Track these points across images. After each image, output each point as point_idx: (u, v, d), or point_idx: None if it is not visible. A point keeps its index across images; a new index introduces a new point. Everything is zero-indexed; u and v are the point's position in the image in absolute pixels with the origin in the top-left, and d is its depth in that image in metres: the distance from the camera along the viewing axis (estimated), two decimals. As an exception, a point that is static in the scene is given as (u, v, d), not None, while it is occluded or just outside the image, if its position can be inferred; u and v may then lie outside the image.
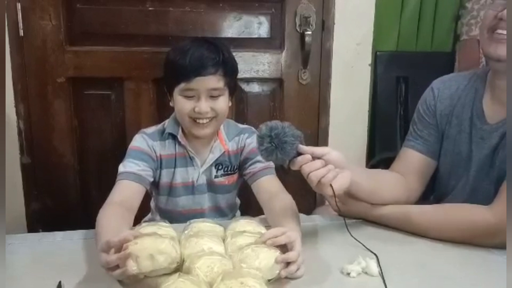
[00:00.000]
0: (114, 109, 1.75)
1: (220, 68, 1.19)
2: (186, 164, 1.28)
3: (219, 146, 1.29)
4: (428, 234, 1.09)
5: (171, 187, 1.29)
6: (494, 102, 1.15)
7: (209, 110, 1.19)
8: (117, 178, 1.17)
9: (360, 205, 1.17)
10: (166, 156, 1.27)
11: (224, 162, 1.30)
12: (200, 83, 1.18)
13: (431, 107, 1.24)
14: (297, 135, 0.95)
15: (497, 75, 1.13)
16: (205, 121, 1.21)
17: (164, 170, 1.27)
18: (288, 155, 0.95)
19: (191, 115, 1.20)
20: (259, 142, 0.95)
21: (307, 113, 1.87)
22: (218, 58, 1.19)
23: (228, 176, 1.32)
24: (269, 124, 0.95)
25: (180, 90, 1.20)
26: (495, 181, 1.11)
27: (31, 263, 1.00)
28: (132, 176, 1.16)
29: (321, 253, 1.03)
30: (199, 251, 0.89)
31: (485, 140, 1.14)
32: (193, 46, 1.21)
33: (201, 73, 1.17)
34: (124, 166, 1.19)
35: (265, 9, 1.77)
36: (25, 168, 1.71)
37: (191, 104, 1.19)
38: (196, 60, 1.17)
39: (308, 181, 0.97)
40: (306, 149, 0.97)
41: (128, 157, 1.21)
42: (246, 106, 1.83)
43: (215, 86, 1.19)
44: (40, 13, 1.62)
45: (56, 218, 1.74)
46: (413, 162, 1.24)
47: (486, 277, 0.94)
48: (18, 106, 1.66)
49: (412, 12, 1.96)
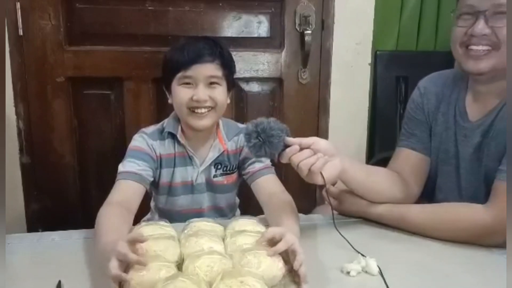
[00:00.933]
0: (114, 109, 1.74)
1: (217, 58, 1.21)
2: (185, 163, 1.28)
3: (218, 145, 1.29)
4: (424, 233, 1.10)
5: (170, 187, 1.29)
6: (476, 100, 1.16)
7: (207, 99, 1.19)
8: (116, 178, 1.17)
9: (358, 204, 1.18)
10: (165, 155, 1.26)
11: (223, 161, 1.30)
12: (198, 70, 1.18)
13: (419, 105, 1.25)
14: (283, 128, 0.97)
15: (477, 82, 1.14)
16: (204, 111, 1.20)
17: (164, 170, 1.27)
18: (276, 148, 0.96)
19: (189, 104, 1.20)
20: (246, 139, 0.97)
21: (306, 112, 1.87)
22: (215, 49, 1.21)
23: (227, 176, 1.32)
24: (254, 121, 0.97)
25: (178, 79, 1.20)
26: (483, 179, 1.12)
27: (30, 262, 1.00)
28: (132, 176, 1.16)
29: (321, 252, 1.03)
30: (199, 251, 0.89)
31: (468, 138, 1.15)
32: (190, 40, 1.25)
33: (198, 61, 1.18)
34: (123, 165, 1.19)
35: (265, 9, 1.77)
36: (24, 168, 1.71)
37: (189, 92, 1.20)
38: (194, 50, 1.19)
39: (298, 171, 0.98)
40: (294, 141, 0.98)
41: (127, 156, 1.21)
42: (245, 105, 1.83)
43: (213, 74, 1.20)
44: (39, 13, 1.62)
45: (55, 218, 1.74)
46: (408, 160, 1.25)
47: (486, 277, 0.94)
48: (18, 106, 1.66)
49: (412, 11, 1.97)
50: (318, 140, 0.99)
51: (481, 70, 1.07)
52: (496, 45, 1.04)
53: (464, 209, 1.07)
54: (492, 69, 1.06)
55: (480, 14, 1.04)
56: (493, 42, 1.04)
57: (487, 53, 1.05)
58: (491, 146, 1.10)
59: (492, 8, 1.02)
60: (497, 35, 1.03)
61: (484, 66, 1.06)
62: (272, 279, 0.84)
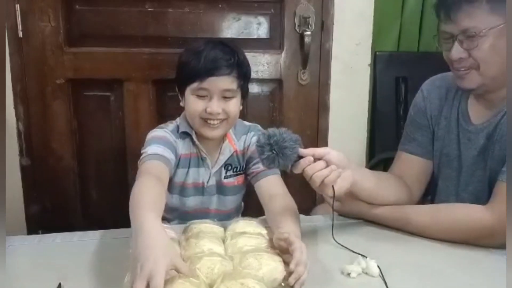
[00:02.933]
0: (114, 111, 1.74)
1: (234, 69, 1.18)
2: (198, 164, 1.27)
3: (229, 147, 1.28)
4: (425, 234, 1.09)
5: (182, 187, 1.28)
6: (479, 103, 1.16)
7: (220, 111, 1.18)
8: (139, 161, 1.12)
9: (359, 205, 1.17)
10: (184, 155, 1.25)
11: (233, 162, 1.29)
12: (213, 83, 1.16)
13: (422, 109, 1.25)
14: (296, 139, 0.96)
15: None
16: (216, 122, 1.19)
17: (179, 170, 1.25)
18: (289, 160, 0.95)
19: (202, 115, 1.19)
20: (259, 152, 0.95)
21: (306, 113, 1.87)
22: (232, 60, 1.18)
23: (237, 176, 1.31)
24: (266, 132, 0.95)
25: (192, 89, 1.19)
26: (487, 182, 1.12)
27: (30, 265, 1.00)
28: (159, 157, 1.12)
29: (321, 253, 1.03)
30: (199, 252, 0.89)
31: (472, 141, 1.15)
32: (208, 47, 1.19)
33: (215, 73, 1.16)
34: (148, 150, 1.13)
35: (264, 10, 1.77)
36: (24, 169, 1.71)
37: (203, 104, 1.18)
38: (211, 60, 1.16)
39: (310, 183, 0.97)
40: (307, 152, 0.97)
41: (151, 143, 1.16)
42: (245, 107, 1.82)
43: (228, 87, 1.18)
44: (39, 15, 1.62)
45: (55, 220, 1.74)
46: (410, 165, 1.25)
47: (486, 277, 0.94)
48: (18, 108, 1.66)
49: (412, 12, 1.96)
50: (330, 151, 0.98)
51: (467, 88, 1.11)
52: (475, 65, 1.06)
53: (465, 210, 1.07)
54: (480, 85, 1.08)
55: (454, 39, 1.06)
56: (471, 63, 1.06)
57: (468, 73, 1.08)
58: (495, 149, 1.09)
59: (462, 32, 1.04)
60: (473, 57, 1.05)
61: (468, 84, 1.09)
62: (272, 282, 0.84)
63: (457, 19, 1.04)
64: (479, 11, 1.01)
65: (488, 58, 1.04)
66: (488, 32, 1.02)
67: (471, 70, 1.07)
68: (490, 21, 1.01)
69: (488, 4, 1.01)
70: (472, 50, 1.04)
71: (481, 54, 1.04)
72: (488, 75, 1.06)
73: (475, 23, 1.02)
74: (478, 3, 1.01)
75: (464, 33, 1.04)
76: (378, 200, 1.16)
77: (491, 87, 1.09)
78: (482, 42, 1.02)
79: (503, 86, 1.08)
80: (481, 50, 1.03)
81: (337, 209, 1.19)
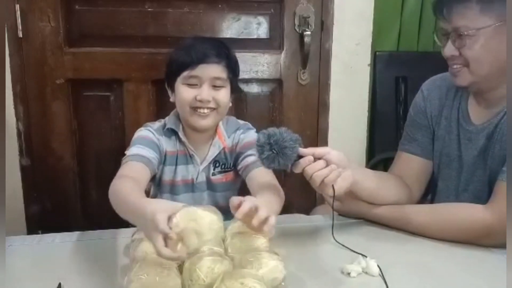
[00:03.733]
0: (113, 111, 1.74)
1: (224, 59, 1.21)
2: (186, 161, 1.28)
3: (218, 143, 1.28)
4: (425, 233, 1.09)
5: (172, 185, 1.29)
6: (479, 103, 1.16)
7: (210, 99, 1.19)
8: (122, 162, 1.14)
9: (359, 205, 1.17)
10: (169, 152, 1.26)
11: (221, 159, 1.30)
12: (204, 70, 1.18)
13: (422, 109, 1.25)
14: (296, 138, 0.95)
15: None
16: (206, 111, 1.20)
17: (167, 167, 1.27)
18: (289, 159, 0.95)
19: (192, 104, 1.20)
20: (259, 151, 0.95)
21: (306, 113, 1.87)
22: (222, 51, 1.22)
23: (225, 173, 1.31)
24: (266, 131, 0.95)
25: (183, 78, 1.20)
26: (488, 182, 1.12)
27: (30, 265, 1.00)
28: (140, 158, 1.14)
29: (321, 253, 1.03)
30: (199, 252, 0.89)
31: (472, 141, 1.15)
32: (197, 41, 1.25)
33: (205, 60, 1.18)
34: (130, 151, 1.16)
35: (264, 10, 1.77)
36: (24, 169, 1.71)
37: (193, 92, 1.20)
38: (201, 50, 1.19)
39: (310, 182, 0.97)
40: (307, 151, 0.97)
41: (135, 143, 1.19)
42: (245, 106, 1.83)
43: (218, 75, 1.20)
44: (39, 15, 1.62)
45: (55, 220, 1.74)
46: (409, 165, 1.25)
47: (486, 277, 0.94)
48: (17, 108, 1.66)
49: (412, 12, 1.96)
50: (330, 151, 0.98)
51: (460, 85, 1.12)
52: (466, 63, 1.07)
53: (465, 209, 1.07)
54: (471, 83, 1.09)
55: (447, 36, 1.08)
56: (463, 61, 1.08)
57: (460, 70, 1.09)
58: (496, 149, 1.10)
59: (454, 30, 1.06)
60: (463, 56, 1.07)
61: (460, 81, 1.11)
62: (272, 281, 0.84)
63: (450, 17, 1.06)
64: (469, 11, 1.03)
65: (478, 57, 1.05)
66: (478, 32, 1.03)
67: (463, 68, 1.08)
68: (481, 22, 1.03)
69: (478, 5, 1.02)
70: (462, 49, 1.06)
71: (471, 53, 1.05)
72: (479, 74, 1.07)
73: (466, 22, 1.03)
74: (468, 3, 1.03)
75: (455, 31, 1.06)
76: (378, 200, 1.16)
77: (484, 85, 1.10)
78: (472, 41, 1.04)
79: (499, 85, 1.08)
80: (471, 49, 1.05)
81: (337, 208, 1.19)
